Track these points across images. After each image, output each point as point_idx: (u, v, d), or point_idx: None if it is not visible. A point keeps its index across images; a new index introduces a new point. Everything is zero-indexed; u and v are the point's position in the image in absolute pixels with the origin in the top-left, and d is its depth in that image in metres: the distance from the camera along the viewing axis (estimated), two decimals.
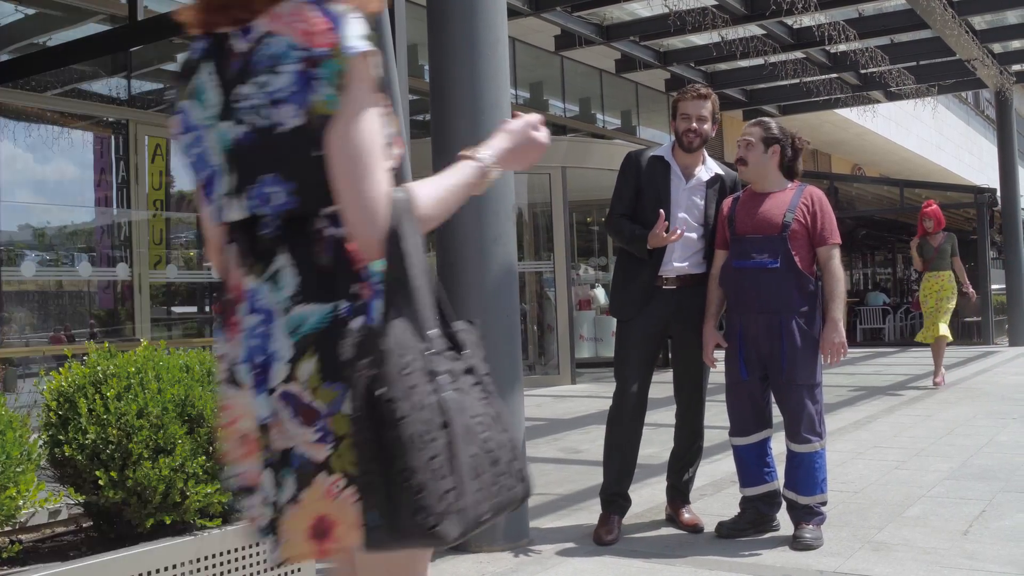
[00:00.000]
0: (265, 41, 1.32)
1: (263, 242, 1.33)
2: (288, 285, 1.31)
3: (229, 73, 1.36)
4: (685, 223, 3.80)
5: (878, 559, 3.39)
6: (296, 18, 1.29)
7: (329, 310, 1.30)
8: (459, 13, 3.72)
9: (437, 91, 3.79)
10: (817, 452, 3.64)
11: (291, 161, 1.30)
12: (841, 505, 4.21)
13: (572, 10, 11.02)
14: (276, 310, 1.31)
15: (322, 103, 1.28)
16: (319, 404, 1.28)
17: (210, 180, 1.40)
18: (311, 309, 1.29)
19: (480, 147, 1.50)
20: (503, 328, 3.72)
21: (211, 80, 1.38)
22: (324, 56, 1.28)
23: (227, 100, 1.35)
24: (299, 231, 1.31)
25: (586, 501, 4.47)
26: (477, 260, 3.69)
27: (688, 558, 3.50)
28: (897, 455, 5.42)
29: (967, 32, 11.43)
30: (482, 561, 3.54)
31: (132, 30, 5.19)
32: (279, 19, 1.31)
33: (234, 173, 1.35)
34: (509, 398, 3.71)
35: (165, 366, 2.49)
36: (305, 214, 1.31)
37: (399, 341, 1.23)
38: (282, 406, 1.29)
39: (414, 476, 1.18)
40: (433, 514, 1.19)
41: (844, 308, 3.64)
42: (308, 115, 1.29)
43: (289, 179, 1.31)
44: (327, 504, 1.27)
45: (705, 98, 3.83)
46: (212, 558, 2.40)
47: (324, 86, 1.28)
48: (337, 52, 1.27)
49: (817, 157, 21.84)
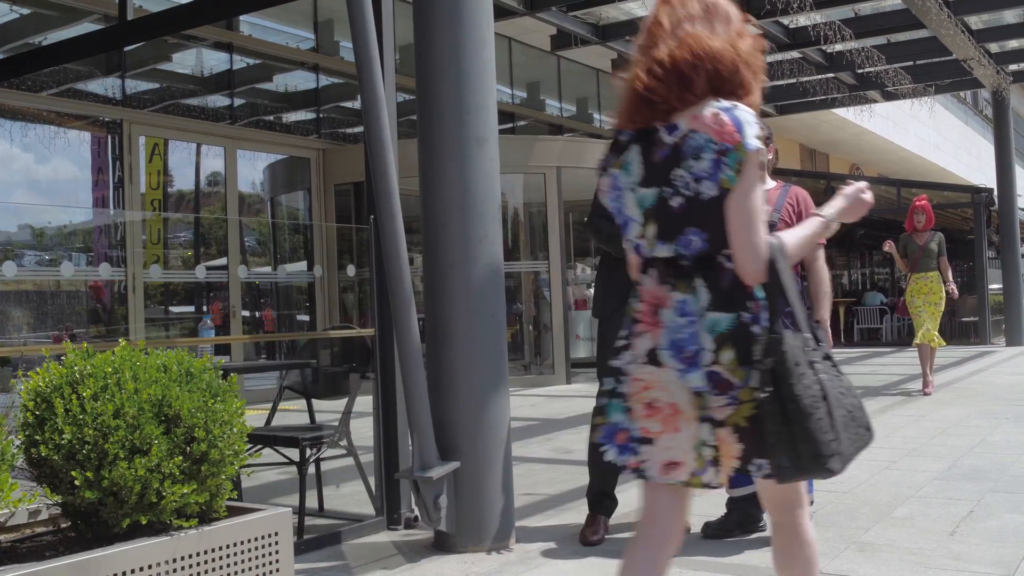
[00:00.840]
0: (690, 136, 1.87)
1: (683, 269, 1.91)
2: (703, 299, 1.88)
3: (655, 155, 1.92)
4: None
5: (863, 559, 3.38)
6: (713, 121, 1.85)
7: (734, 317, 1.87)
8: (445, 14, 3.71)
9: (423, 91, 3.78)
10: None
11: (707, 219, 1.87)
12: (829, 505, 4.20)
13: (567, 10, 11.01)
14: (697, 315, 1.87)
15: (727, 180, 1.84)
16: (735, 379, 1.85)
17: (625, 224, 2.01)
18: (721, 316, 1.87)
19: (825, 206, 2.07)
20: (489, 327, 3.71)
21: (637, 158, 1.96)
22: (731, 149, 1.83)
23: (650, 173, 1.93)
24: (707, 264, 1.90)
25: (574, 501, 4.47)
26: (463, 260, 3.69)
27: (674, 559, 3.48)
28: (888, 455, 5.41)
29: (963, 32, 11.42)
30: (466, 561, 3.54)
31: (122, 30, 5.17)
32: (699, 121, 1.87)
33: (657, 224, 1.93)
34: (494, 397, 3.71)
35: (143, 366, 2.48)
36: (711, 253, 1.89)
37: (791, 343, 1.83)
38: (704, 380, 1.85)
39: (811, 433, 1.77)
40: (825, 456, 1.79)
41: (829, 306, 3.66)
42: (719, 188, 1.85)
43: (704, 231, 1.89)
44: (725, 447, 1.87)
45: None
46: (188, 558, 2.39)
47: (728, 169, 1.84)
48: (739, 147, 1.83)
49: (815, 157, 21.83)
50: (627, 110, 1.97)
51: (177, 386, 2.47)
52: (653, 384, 1.91)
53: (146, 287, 9.62)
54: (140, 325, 8.58)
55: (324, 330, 8.30)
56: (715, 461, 1.89)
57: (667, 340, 1.89)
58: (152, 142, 9.55)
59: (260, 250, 11.96)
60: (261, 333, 9.85)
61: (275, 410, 4.49)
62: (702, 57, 1.87)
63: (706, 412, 1.86)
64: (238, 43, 10.31)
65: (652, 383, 1.91)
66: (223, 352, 10.44)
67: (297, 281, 11.16)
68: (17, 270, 8.12)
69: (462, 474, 3.64)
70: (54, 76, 9.14)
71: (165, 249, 10.24)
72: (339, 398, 4.45)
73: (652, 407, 1.91)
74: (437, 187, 3.73)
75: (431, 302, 3.75)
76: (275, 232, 11.71)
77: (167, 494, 2.36)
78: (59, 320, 8.74)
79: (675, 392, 1.88)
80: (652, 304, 1.94)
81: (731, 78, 1.89)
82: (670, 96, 1.89)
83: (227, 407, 2.53)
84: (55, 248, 9.19)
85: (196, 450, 2.42)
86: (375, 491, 4.17)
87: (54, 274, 8.60)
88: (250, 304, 11.03)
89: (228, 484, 2.52)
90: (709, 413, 1.86)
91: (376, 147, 3.40)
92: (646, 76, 1.91)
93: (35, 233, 9.02)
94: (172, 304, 10.77)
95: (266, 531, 2.56)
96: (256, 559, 2.54)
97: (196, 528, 2.43)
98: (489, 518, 3.67)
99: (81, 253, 9.22)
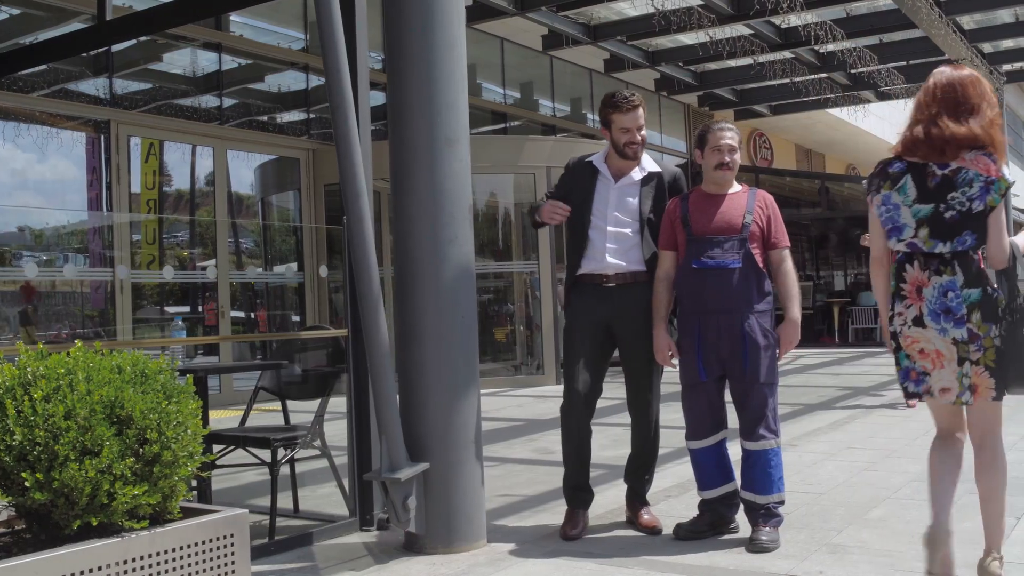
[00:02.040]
0: (961, 171, 2.80)
1: (945, 260, 2.81)
2: (960, 280, 2.79)
3: (929, 182, 2.83)
4: (616, 220, 3.85)
5: (833, 561, 3.37)
6: (980, 163, 2.80)
7: (980, 290, 2.78)
8: (415, 13, 3.70)
9: (393, 91, 3.77)
10: (773, 450, 3.62)
11: (977, 226, 2.80)
12: (804, 507, 4.19)
13: (557, 9, 11.00)
14: (959, 290, 2.78)
15: (992, 201, 2.79)
16: (980, 333, 2.77)
17: (895, 229, 2.89)
18: (972, 291, 2.78)
19: None
20: (459, 328, 3.70)
21: (911, 183, 2.86)
22: (995, 181, 2.79)
23: (924, 193, 2.83)
24: (962, 256, 2.81)
25: (551, 502, 4.46)
26: (433, 261, 3.67)
27: (641, 559, 3.48)
28: (869, 456, 5.40)
29: (954, 32, 11.40)
30: (435, 563, 3.52)
31: (101, 30, 5.16)
32: (967, 161, 2.80)
33: (930, 228, 2.82)
34: (464, 397, 3.69)
35: (96, 367, 2.47)
36: (969, 249, 2.81)
37: (1021, 304, 2.79)
38: (965, 334, 2.77)
39: None
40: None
41: (800, 307, 3.71)
42: (985, 206, 2.79)
43: (974, 233, 2.80)
44: (979, 379, 2.79)
45: (639, 106, 3.89)
46: (140, 560, 2.38)
47: (994, 194, 2.78)
48: (1002, 180, 2.80)
49: (811, 157, 21.81)
50: (905, 150, 2.89)
51: (131, 387, 2.46)
52: (920, 339, 2.86)
53: (143, 287, 9.62)
54: (128, 326, 8.56)
55: (299, 330, 8.28)
56: (971, 388, 2.81)
57: (929, 309, 2.83)
58: (147, 142, 9.55)
59: (253, 251, 11.94)
60: (227, 334, 9.78)
61: (249, 411, 4.47)
62: (966, 140, 2.81)
63: (964, 355, 2.79)
64: (229, 43, 10.30)
65: (919, 338, 2.86)
66: (213, 353, 10.43)
67: (288, 281, 11.15)
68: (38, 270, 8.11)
69: (432, 475, 3.63)
70: (45, 76, 9.13)
71: (161, 249, 10.23)
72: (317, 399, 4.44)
73: (923, 353, 2.86)
74: (407, 188, 3.72)
75: (401, 303, 3.74)
76: (265, 232, 11.69)
77: (118, 495, 2.35)
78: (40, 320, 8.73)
79: (937, 343, 2.82)
80: (915, 285, 2.87)
81: (985, 147, 2.83)
82: (946, 153, 2.82)
83: (182, 408, 2.52)
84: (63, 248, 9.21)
85: (148, 452, 2.41)
86: (349, 492, 4.16)
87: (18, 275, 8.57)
88: (243, 305, 11.03)
89: (182, 486, 2.51)
90: (967, 355, 2.79)
91: (344, 148, 3.40)
92: (933, 133, 2.82)
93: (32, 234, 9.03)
94: (168, 304, 10.77)
95: (221, 533, 2.55)
96: (211, 561, 2.52)
97: (148, 530, 2.41)
98: (459, 519, 3.66)
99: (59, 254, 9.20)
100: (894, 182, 2.87)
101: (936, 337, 2.81)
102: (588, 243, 3.86)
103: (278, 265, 11.57)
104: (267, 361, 4.74)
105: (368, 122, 4.08)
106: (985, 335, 2.77)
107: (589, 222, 3.87)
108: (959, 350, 2.79)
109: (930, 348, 2.83)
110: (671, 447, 5.86)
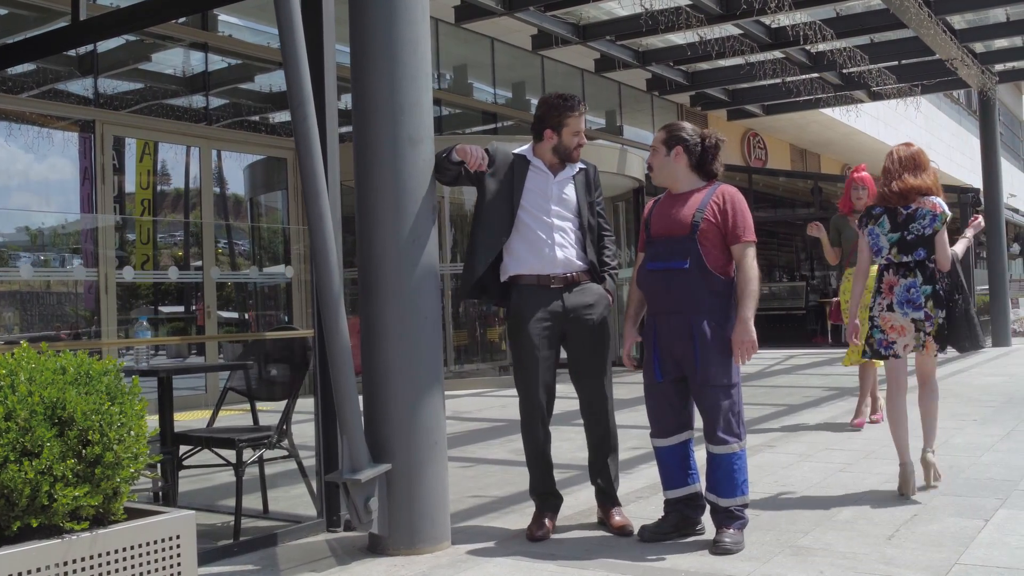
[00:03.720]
0: (919, 210, 4.22)
1: (909, 267, 4.25)
2: (919, 280, 4.23)
3: (897, 219, 4.27)
4: (559, 215, 3.82)
5: (794, 564, 3.35)
6: (929, 203, 4.24)
7: (932, 287, 4.20)
8: (379, 11, 3.68)
9: (357, 90, 3.75)
10: (735, 453, 3.60)
11: (928, 244, 4.23)
12: (774, 508, 4.18)
13: (545, 9, 10.98)
14: (918, 287, 4.21)
15: (937, 227, 4.20)
16: (932, 314, 4.22)
17: (878, 250, 4.33)
18: (927, 287, 4.20)
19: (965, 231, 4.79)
20: (422, 328, 3.68)
21: (886, 220, 4.29)
22: (938, 215, 4.22)
23: (895, 225, 4.27)
24: (921, 264, 4.27)
25: (520, 503, 4.44)
26: (396, 262, 3.66)
27: (603, 561, 3.46)
28: (845, 457, 5.38)
29: (944, 31, 11.37)
30: (397, 564, 3.51)
31: (75, 30, 5.15)
32: (921, 203, 4.24)
33: (899, 247, 4.26)
34: (428, 398, 3.68)
35: (39, 368, 2.46)
36: (925, 259, 4.24)
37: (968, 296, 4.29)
38: (922, 315, 4.22)
39: (974, 330, 4.27)
40: (981, 340, 4.32)
41: (755, 306, 3.58)
42: (933, 231, 4.20)
43: (926, 248, 4.23)
44: (928, 343, 4.26)
45: (583, 110, 3.88)
46: (81, 561, 2.37)
47: (938, 223, 4.19)
48: (943, 213, 4.22)
49: (806, 157, 21.79)
50: (883, 200, 4.36)
51: (74, 388, 2.44)
52: (890, 319, 4.30)
53: (139, 288, 9.61)
54: (113, 328, 8.55)
55: (266, 331, 8.25)
56: (923, 346, 4.27)
57: (897, 300, 4.27)
58: (142, 143, 9.55)
59: (242, 251, 11.93)
60: (214, 334, 9.76)
61: (217, 411, 4.46)
62: (920, 189, 4.27)
63: (920, 328, 4.24)
64: (216, 43, 10.28)
65: (889, 319, 4.31)
66: (202, 352, 10.42)
67: (279, 281, 11.12)
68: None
69: (394, 476, 3.61)
70: (35, 77, 9.13)
71: (155, 249, 10.21)
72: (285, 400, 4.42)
73: (892, 328, 4.31)
74: (370, 187, 3.71)
75: (365, 303, 3.73)
76: (254, 233, 11.68)
77: (59, 497, 2.34)
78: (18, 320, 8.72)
79: (902, 321, 4.27)
80: (888, 284, 4.32)
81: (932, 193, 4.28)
82: (908, 198, 4.28)
83: (126, 410, 2.50)
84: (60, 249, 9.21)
85: (90, 453, 2.40)
86: (316, 493, 4.14)
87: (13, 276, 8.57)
88: (236, 305, 11.02)
89: (126, 487, 2.49)
90: (922, 329, 4.23)
91: (304, 147, 3.38)
92: (896, 190, 4.29)
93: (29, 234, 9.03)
94: (163, 304, 10.75)
95: (166, 534, 2.53)
96: (156, 563, 2.51)
97: (90, 531, 2.40)
98: (422, 520, 3.64)
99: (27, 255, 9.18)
100: (876, 220, 4.38)
101: (901, 318, 4.30)
102: (527, 240, 3.78)
103: (272, 266, 11.55)
104: (232, 362, 4.71)
105: (335, 121, 4.06)
106: (935, 316, 4.25)
107: (523, 216, 3.77)
108: (916, 326, 4.27)
109: (897, 324, 4.32)
110: (643, 448, 5.85)
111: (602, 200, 4.06)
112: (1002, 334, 14.35)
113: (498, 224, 3.79)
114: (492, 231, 3.80)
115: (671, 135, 3.69)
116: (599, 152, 11.63)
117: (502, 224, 3.79)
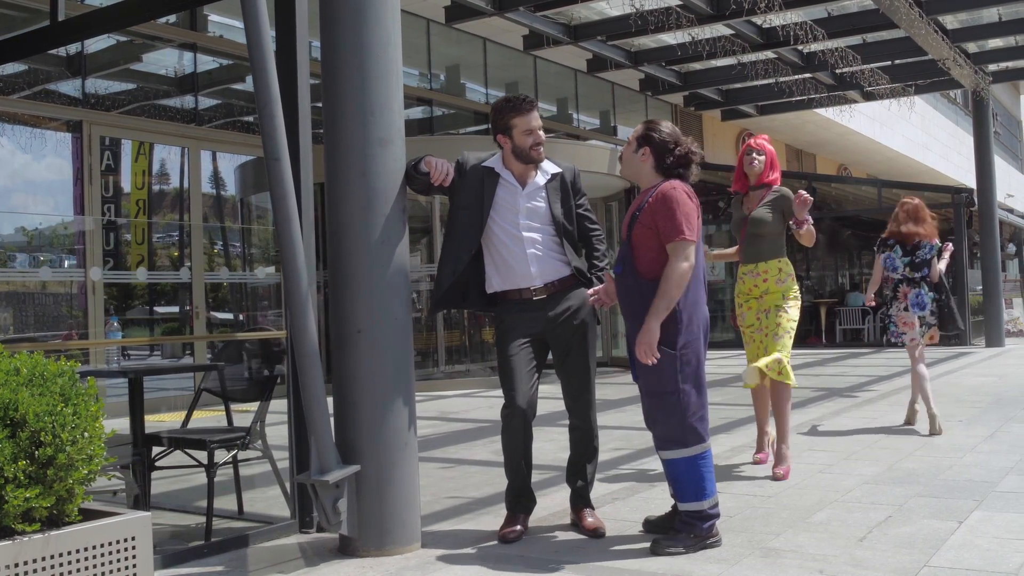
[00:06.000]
0: (922, 243, 6.39)
1: (917, 281, 6.35)
2: (925, 289, 6.32)
3: (907, 248, 6.39)
4: (530, 228, 3.77)
5: (763, 566, 3.33)
6: (928, 239, 6.41)
7: (934, 294, 6.36)
8: (348, 12, 3.67)
9: (327, 91, 3.74)
10: (682, 459, 3.56)
11: (928, 266, 6.42)
12: (749, 510, 4.16)
13: (535, 9, 10.97)
14: (925, 293, 6.32)
15: (933, 255, 6.41)
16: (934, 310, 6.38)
17: (894, 269, 6.42)
18: (931, 294, 6.33)
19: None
20: (393, 329, 3.67)
21: (899, 248, 6.45)
22: (934, 246, 6.39)
23: (906, 252, 6.40)
24: (925, 279, 6.34)
25: (497, 505, 4.41)
26: (366, 262, 3.64)
27: (574, 563, 3.44)
28: (826, 458, 5.37)
29: (936, 31, 11.36)
30: (365, 566, 3.49)
31: (53, 30, 5.13)
32: (926, 238, 6.37)
33: (911, 267, 6.36)
34: (398, 399, 3.66)
35: None
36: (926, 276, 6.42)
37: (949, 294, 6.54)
38: (927, 314, 6.32)
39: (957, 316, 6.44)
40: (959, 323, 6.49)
41: (667, 307, 3.40)
42: (931, 257, 6.41)
43: (927, 269, 6.41)
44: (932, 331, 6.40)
45: (535, 105, 3.85)
46: (32, 563, 2.36)
47: (933, 252, 6.41)
48: (936, 245, 6.39)
49: (802, 157, 21.77)
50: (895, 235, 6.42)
51: (27, 389, 2.43)
52: (904, 317, 6.30)
53: (134, 288, 9.59)
54: (99, 329, 8.54)
55: (239, 332, 8.24)
56: (929, 336, 6.31)
57: (910, 303, 6.25)
58: (138, 144, 9.54)
59: (233, 251, 11.92)
60: (202, 335, 9.74)
61: (191, 412, 4.45)
62: (920, 235, 6.34)
63: (923, 323, 6.26)
64: (206, 44, 10.28)
65: (904, 316, 6.30)
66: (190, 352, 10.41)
67: (273, 281, 11.11)
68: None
69: (364, 477, 3.60)
70: (26, 77, 9.13)
71: (150, 249, 10.20)
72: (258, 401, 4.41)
73: (905, 323, 6.31)
74: (340, 188, 3.70)
75: (335, 304, 3.71)
76: (243, 234, 11.67)
77: (9, 498, 2.33)
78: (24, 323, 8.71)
79: (911, 319, 6.26)
80: (904, 293, 6.30)
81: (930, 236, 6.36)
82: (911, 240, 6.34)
83: (80, 411, 2.49)
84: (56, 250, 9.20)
85: (42, 454, 2.39)
86: (289, 494, 4.13)
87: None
88: (231, 306, 11.01)
89: (80, 489, 2.48)
90: (925, 323, 6.26)
91: (271, 148, 3.37)
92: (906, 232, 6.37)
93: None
94: (158, 304, 10.75)
95: (120, 536, 2.52)
96: (110, 564, 2.50)
97: (41, 532, 2.39)
98: (392, 521, 3.63)
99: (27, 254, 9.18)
100: (891, 248, 6.40)
101: (911, 316, 6.27)
102: (502, 256, 3.75)
103: (266, 266, 11.55)
104: (203, 363, 4.70)
105: (308, 122, 4.05)
106: (934, 311, 6.26)
107: (496, 231, 3.74)
108: (920, 321, 6.26)
109: (909, 321, 6.29)
110: (625, 450, 5.84)
111: (586, 201, 4.03)
112: (995, 335, 14.33)
113: (465, 239, 3.77)
114: (459, 245, 3.78)
115: (645, 133, 3.65)
116: (591, 152, 11.62)
117: (469, 239, 3.76)
